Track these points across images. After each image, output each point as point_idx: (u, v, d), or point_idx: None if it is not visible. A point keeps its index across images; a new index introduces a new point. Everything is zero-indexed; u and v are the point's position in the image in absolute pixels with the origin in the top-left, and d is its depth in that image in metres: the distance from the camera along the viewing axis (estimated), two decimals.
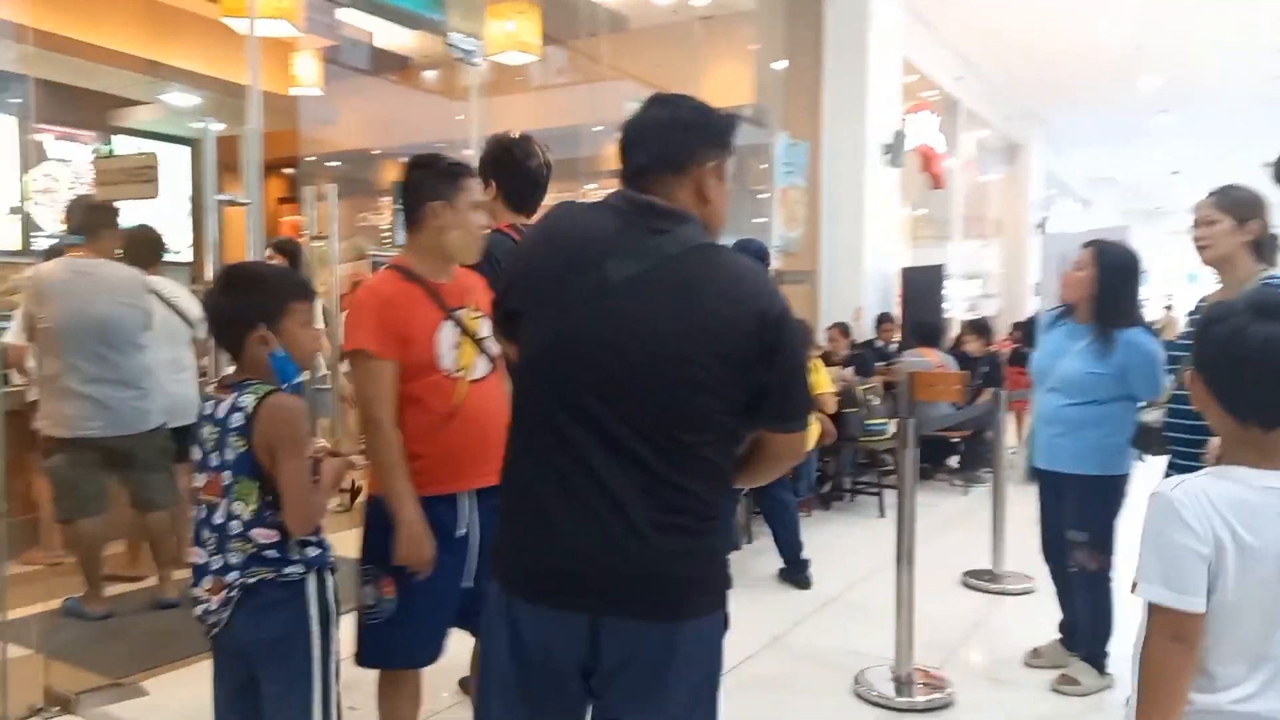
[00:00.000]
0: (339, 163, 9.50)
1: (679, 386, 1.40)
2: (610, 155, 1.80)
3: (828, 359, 6.85)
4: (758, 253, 4.17)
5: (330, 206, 3.76)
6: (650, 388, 1.40)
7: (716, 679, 1.50)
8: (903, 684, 3.22)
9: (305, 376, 2.42)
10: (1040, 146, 13.88)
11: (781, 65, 8.24)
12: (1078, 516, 3.18)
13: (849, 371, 6.29)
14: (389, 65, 9.20)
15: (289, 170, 9.39)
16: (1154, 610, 1.33)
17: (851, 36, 7.90)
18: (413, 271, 2.18)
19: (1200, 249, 2.67)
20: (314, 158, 8.85)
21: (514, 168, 2.60)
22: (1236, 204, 2.64)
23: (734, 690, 3.27)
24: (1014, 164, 13.84)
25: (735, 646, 3.62)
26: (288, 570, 1.89)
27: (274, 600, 1.88)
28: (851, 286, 7.99)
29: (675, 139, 1.54)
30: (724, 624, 1.49)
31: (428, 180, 2.19)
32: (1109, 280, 3.15)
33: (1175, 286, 32.94)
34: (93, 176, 4.60)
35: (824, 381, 5.99)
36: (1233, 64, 10.72)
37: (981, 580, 4.46)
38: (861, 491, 6.37)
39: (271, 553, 1.88)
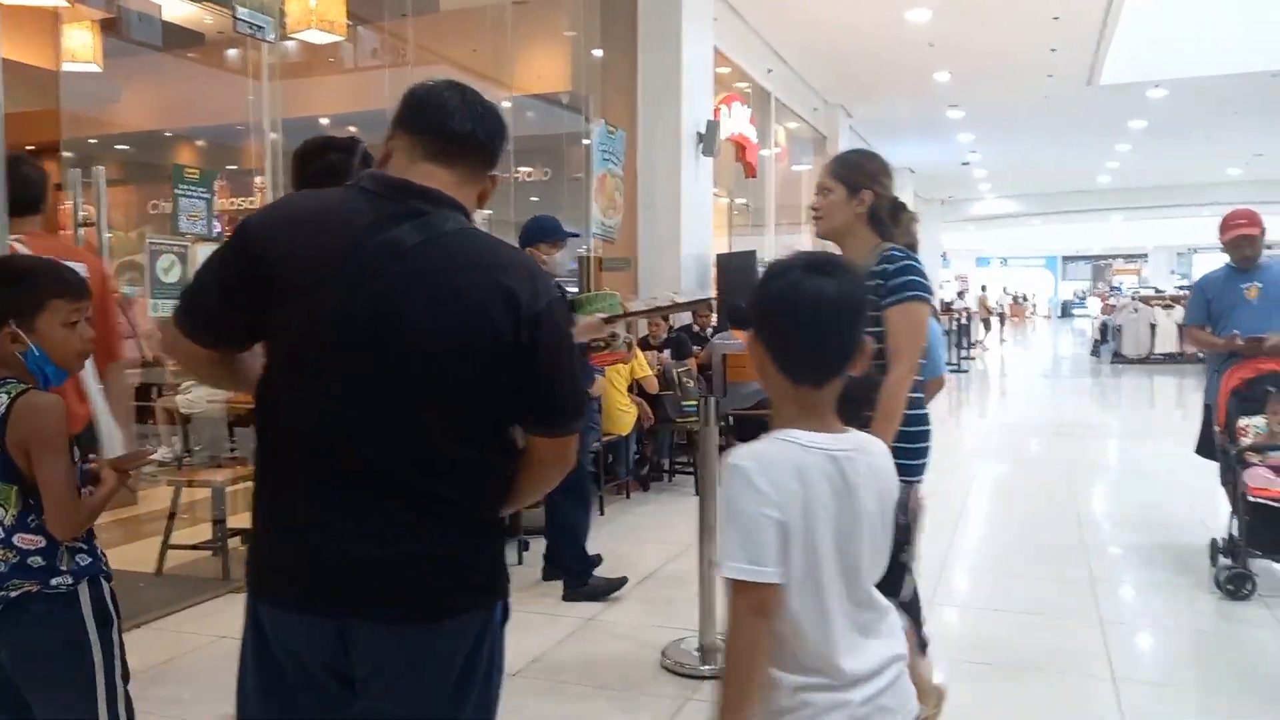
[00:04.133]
0: (127, 145, 8.80)
1: (432, 383, 1.33)
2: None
3: (646, 344, 6.98)
4: (551, 230, 4.17)
5: (98, 192, 3.46)
6: (403, 384, 1.33)
7: (489, 674, 1.43)
8: (707, 653, 3.32)
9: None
10: (846, 138, 14.60)
11: (597, 53, 8.27)
12: None
13: (666, 355, 6.41)
14: (182, 41, 8.59)
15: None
16: (736, 586, 1.26)
17: (665, 26, 8.01)
18: None
19: (815, 221, 2.48)
20: (94, 140, 8.16)
21: (297, 174, 2.36)
22: (850, 171, 2.44)
23: (542, 674, 3.33)
24: (822, 155, 14.50)
25: (546, 631, 3.73)
26: (55, 581, 1.77)
27: (42, 614, 1.76)
28: (670, 273, 8.14)
29: (493, 129, 1.46)
30: (502, 615, 1.44)
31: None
32: None
33: (966, 269, 35.75)
34: None
35: (643, 366, 6.10)
36: (1009, 61, 11.63)
37: None
38: (680, 471, 6.52)
39: (37, 560, 1.76)
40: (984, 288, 28.72)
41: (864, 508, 1.33)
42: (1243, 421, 4.37)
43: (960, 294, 25.26)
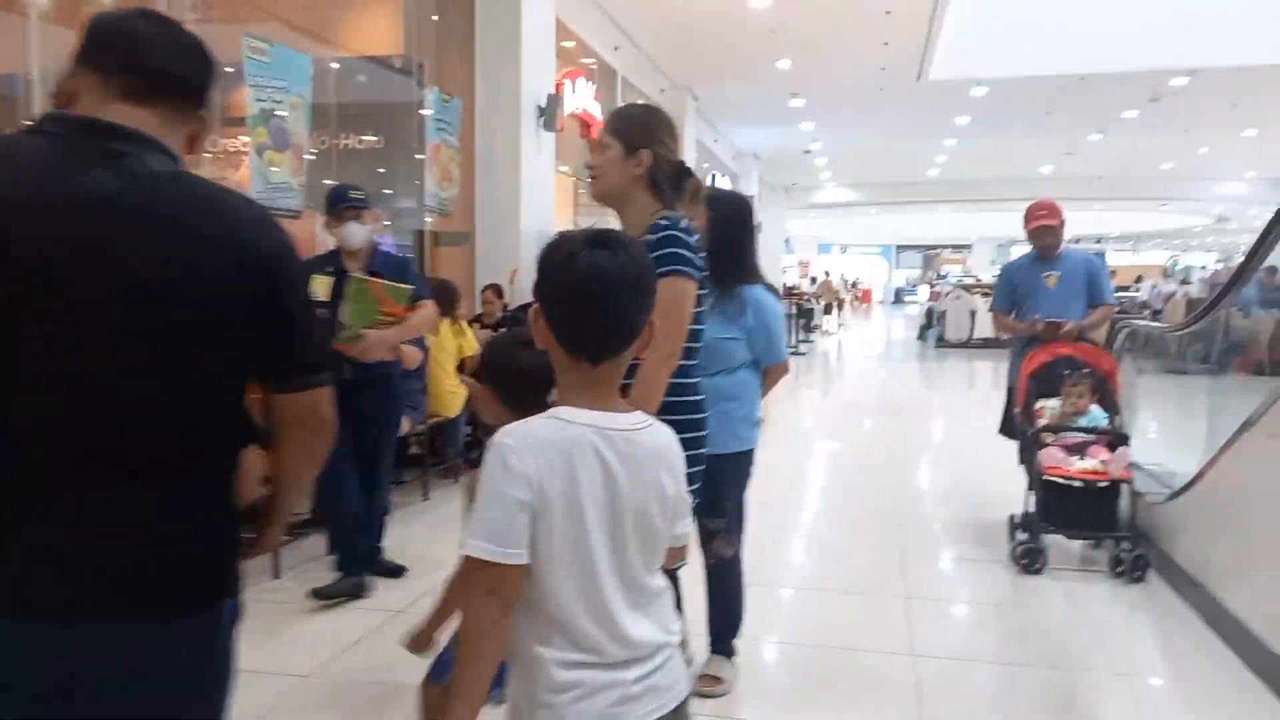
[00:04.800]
0: None
1: (155, 345, 1.19)
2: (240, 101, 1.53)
3: (481, 320, 6.78)
4: (333, 198, 3.88)
5: None
6: (120, 348, 1.18)
7: (218, 676, 1.31)
8: None
9: None
10: (693, 121, 14.72)
11: (434, 17, 7.94)
12: (712, 502, 2.66)
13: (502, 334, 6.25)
14: None
15: None
16: (475, 565, 1.24)
17: None
18: None
19: (591, 180, 2.23)
20: None
21: None
22: (627, 126, 2.18)
23: (344, 673, 3.15)
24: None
25: (345, 632, 3.52)
26: None
27: None
28: (509, 248, 7.95)
29: (199, 64, 1.33)
30: (227, 616, 1.30)
31: None
32: (724, 233, 2.78)
33: (809, 255, 37.06)
34: None
35: (472, 344, 5.91)
36: (845, 53, 12.00)
37: None
38: None
39: None
40: (827, 273, 29.81)
41: (638, 488, 1.31)
42: (1040, 403, 4.63)
43: (811, 279, 26.11)
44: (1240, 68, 12.10)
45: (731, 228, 2.86)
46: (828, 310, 24.40)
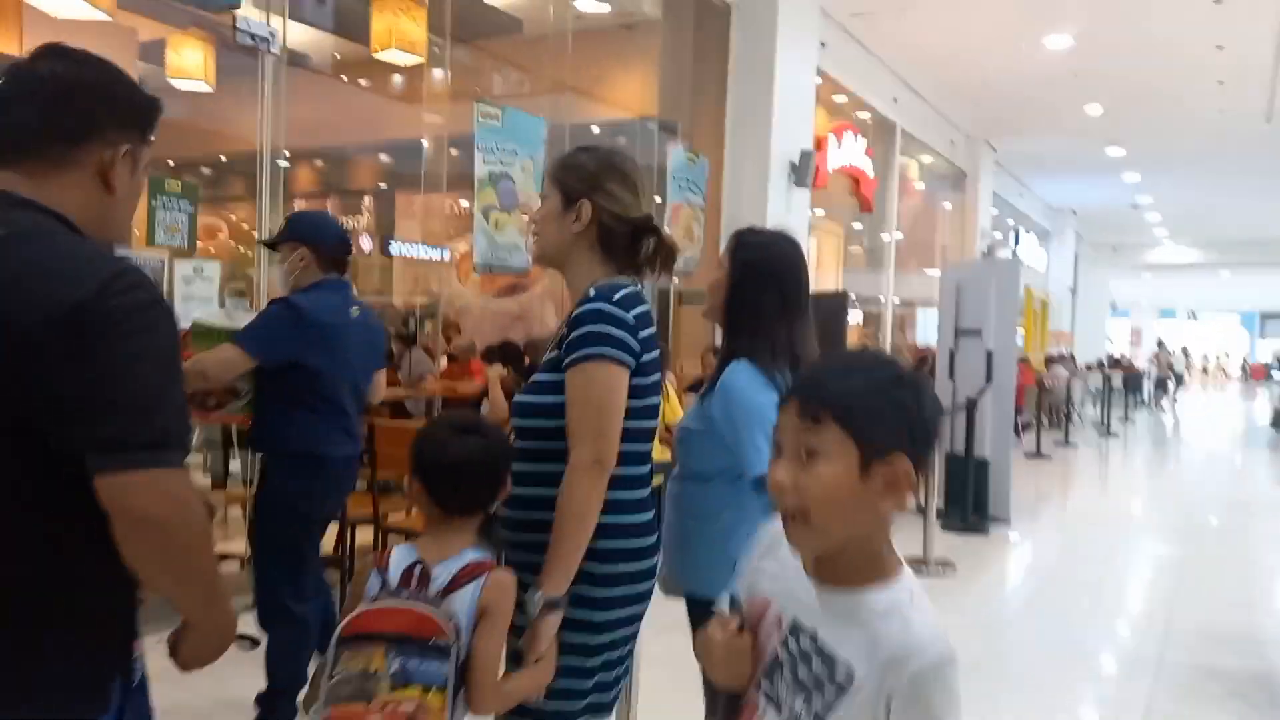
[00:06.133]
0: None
1: None
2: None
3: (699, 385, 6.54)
4: (335, 235, 3.00)
5: None
6: None
7: None
8: None
9: None
10: (991, 174, 13.62)
11: (686, 79, 7.97)
12: None
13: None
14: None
15: None
16: None
17: (758, 52, 7.62)
18: None
19: (534, 239, 1.83)
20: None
21: None
22: (565, 172, 1.77)
23: None
24: (961, 191, 13.58)
25: None
26: None
27: None
28: None
29: (70, 90, 1.24)
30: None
31: None
32: (736, 288, 2.10)
33: (1146, 322, 32.94)
34: None
35: (675, 410, 5.67)
36: (1169, 95, 10.48)
37: None
38: None
39: None
40: (1160, 343, 26.24)
41: None
42: None
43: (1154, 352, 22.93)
44: None
45: (746, 282, 2.10)
46: (1160, 386, 21.44)
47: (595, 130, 8.14)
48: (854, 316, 11.29)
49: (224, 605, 1.26)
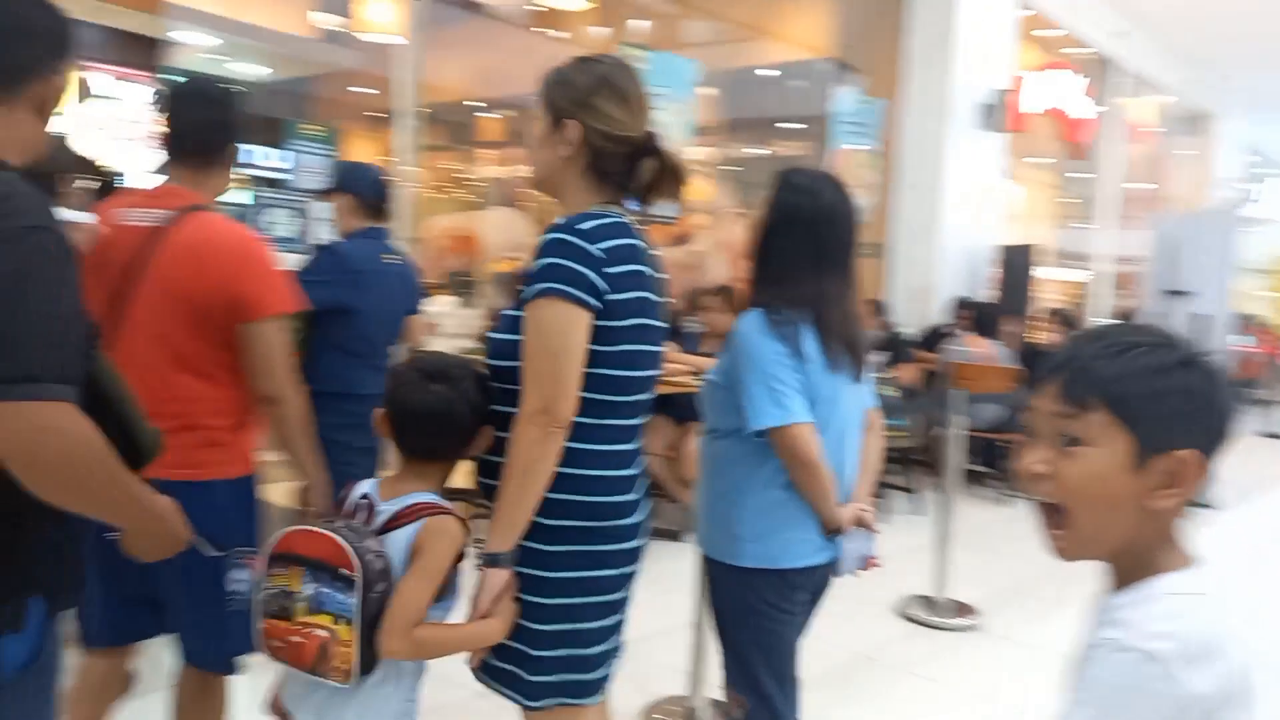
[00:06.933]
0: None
1: None
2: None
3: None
4: (372, 183, 3.03)
5: None
6: None
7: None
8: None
9: None
10: (1233, 115, 11.99)
11: (859, 10, 7.45)
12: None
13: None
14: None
15: None
16: None
17: None
18: None
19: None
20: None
21: None
22: (554, 89, 1.59)
23: None
24: (1197, 135, 12.05)
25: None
26: None
27: None
28: (923, 263, 7.20)
29: (14, 46, 1.23)
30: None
31: None
32: (766, 233, 1.90)
33: None
34: None
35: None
36: None
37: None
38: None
39: None
40: None
41: None
42: None
43: None
44: None
45: (780, 227, 1.88)
46: None
47: (761, 74, 7.80)
48: (1059, 274, 10.36)
49: (142, 512, 1.25)
